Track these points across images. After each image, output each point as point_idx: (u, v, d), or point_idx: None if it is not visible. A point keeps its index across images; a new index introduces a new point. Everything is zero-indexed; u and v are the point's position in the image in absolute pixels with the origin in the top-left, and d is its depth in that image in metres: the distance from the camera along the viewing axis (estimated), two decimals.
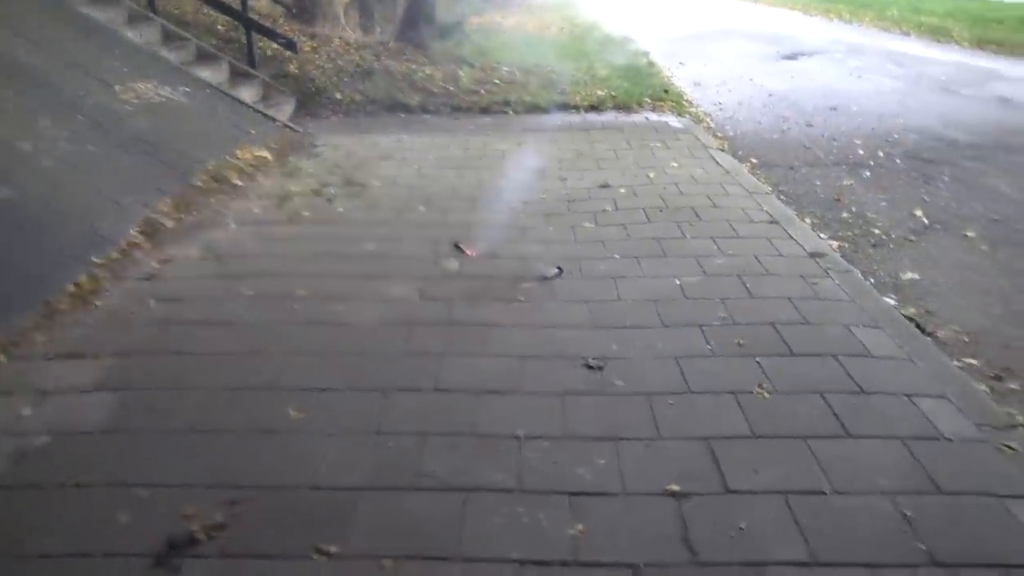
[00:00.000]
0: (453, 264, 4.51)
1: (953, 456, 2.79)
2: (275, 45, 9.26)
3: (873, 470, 2.70)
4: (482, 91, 9.50)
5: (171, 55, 8.12)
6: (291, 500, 2.57)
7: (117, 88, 6.58)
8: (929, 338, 3.80)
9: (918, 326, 3.90)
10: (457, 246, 4.70)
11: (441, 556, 2.34)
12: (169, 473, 2.69)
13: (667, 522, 2.47)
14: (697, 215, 5.28)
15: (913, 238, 5.16)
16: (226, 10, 8.95)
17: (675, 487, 2.62)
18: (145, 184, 5.55)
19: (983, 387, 3.39)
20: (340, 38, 11.00)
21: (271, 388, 3.22)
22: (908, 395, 3.16)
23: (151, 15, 8.56)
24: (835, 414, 3.02)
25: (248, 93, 8.47)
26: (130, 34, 7.96)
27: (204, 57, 8.62)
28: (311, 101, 9.00)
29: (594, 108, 8.99)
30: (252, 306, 3.99)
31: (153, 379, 3.30)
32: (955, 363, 3.56)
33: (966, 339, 3.86)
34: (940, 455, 2.79)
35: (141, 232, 4.96)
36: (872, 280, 4.53)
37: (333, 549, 2.35)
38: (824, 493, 2.59)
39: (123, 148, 5.82)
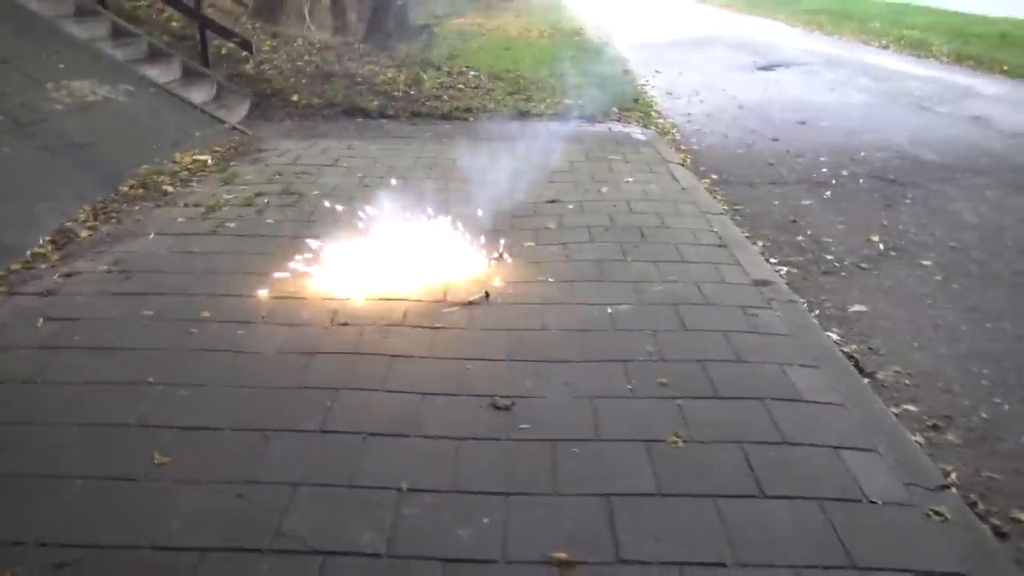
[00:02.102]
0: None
1: (874, 523, 2.53)
2: (231, 44, 8.96)
3: (783, 538, 2.44)
4: (445, 96, 9.24)
5: (117, 52, 7.83)
6: (128, 563, 2.28)
7: (49, 86, 6.29)
8: (868, 380, 3.55)
9: (857, 366, 3.65)
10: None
11: None
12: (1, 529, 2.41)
13: None
14: (643, 236, 5.02)
15: (866, 266, 4.93)
16: (179, 6, 8.65)
17: (562, 554, 2.35)
18: (64, 190, 5.26)
19: (919, 438, 3.15)
20: (304, 38, 10.72)
21: (142, 425, 2.94)
22: (835, 447, 2.91)
23: (100, 9, 8.27)
24: (752, 469, 2.77)
25: (199, 94, 8.18)
26: (75, 29, 7.66)
27: (155, 55, 8.33)
28: (266, 103, 8.71)
29: (558, 117, 8.73)
30: (147, 329, 3.70)
31: (15, 412, 3.01)
32: (892, 409, 3.32)
33: (907, 382, 3.62)
34: (860, 521, 2.53)
35: (51, 242, 4.69)
36: (817, 312, 4.29)
37: None
38: (724, 565, 2.33)
39: (46, 150, 5.53)
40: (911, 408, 3.39)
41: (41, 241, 4.65)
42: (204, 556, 2.31)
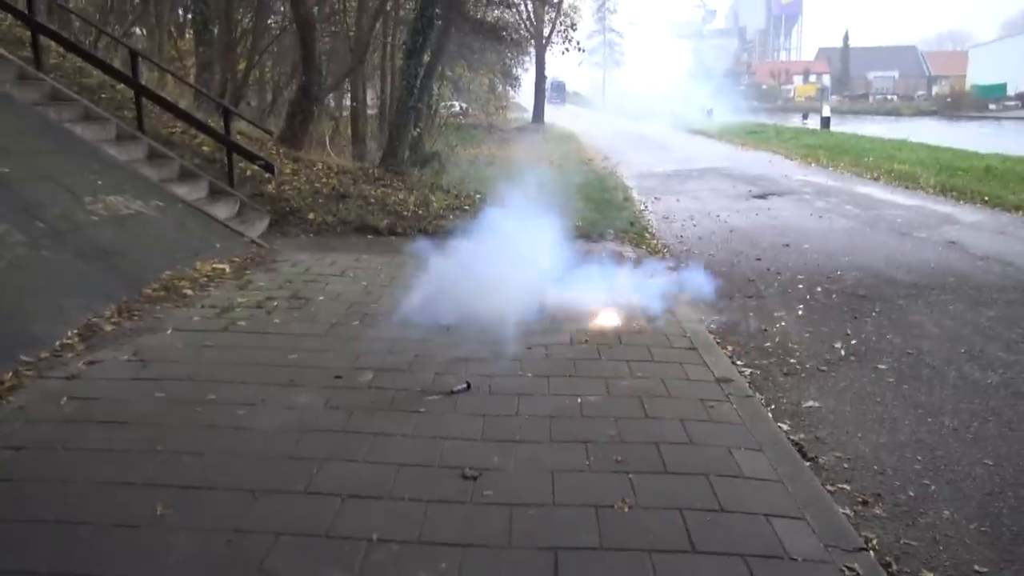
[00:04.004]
0: (367, 375, 4.67)
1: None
2: (256, 166, 9.73)
3: None
4: (451, 216, 9.89)
5: (152, 172, 8.57)
6: None
7: (87, 200, 6.94)
8: (808, 463, 3.88)
9: (801, 451, 3.99)
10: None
11: None
12: (17, 560, 2.76)
13: None
14: (619, 339, 5.44)
15: (825, 368, 5.30)
16: (210, 132, 9.49)
17: None
18: (93, 291, 5.79)
19: (847, 511, 3.45)
20: (323, 163, 11.56)
21: (147, 484, 3.32)
22: (766, 515, 3.23)
23: (138, 134, 9.08)
24: (687, 530, 3.09)
25: (223, 210, 8.85)
26: (114, 151, 8.43)
27: (186, 175, 9.07)
28: (284, 220, 9.38)
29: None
30: (159, 408, 4.12)
31: (38, 473, 3.40)
32: (828, 488, 3.63)
33: (846, 465, 3.94)
34: (778, 574, 2.84)
35: (78, 335, 5.15)
36: (773, 407, 4.64)
37: None
38: None
39: (79, 256, 6.10)
40: (845, 487, 3.70)
41: (69, 334, 5.12)
42: None
